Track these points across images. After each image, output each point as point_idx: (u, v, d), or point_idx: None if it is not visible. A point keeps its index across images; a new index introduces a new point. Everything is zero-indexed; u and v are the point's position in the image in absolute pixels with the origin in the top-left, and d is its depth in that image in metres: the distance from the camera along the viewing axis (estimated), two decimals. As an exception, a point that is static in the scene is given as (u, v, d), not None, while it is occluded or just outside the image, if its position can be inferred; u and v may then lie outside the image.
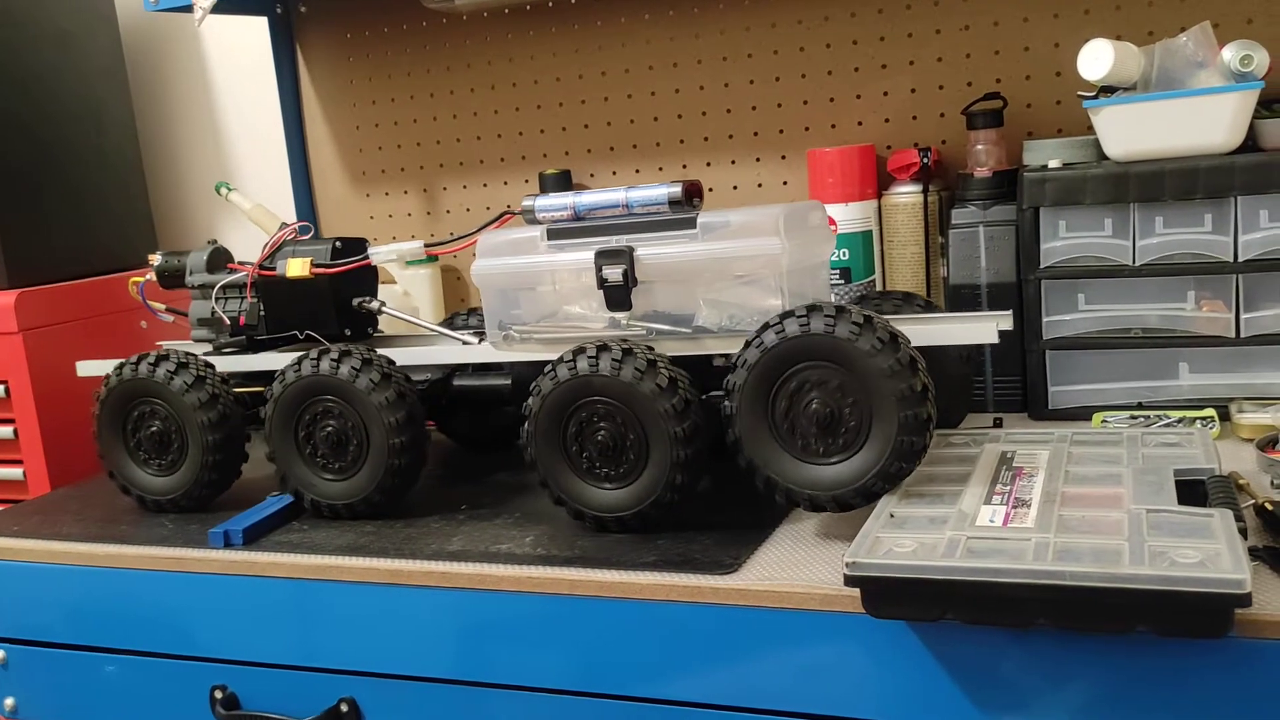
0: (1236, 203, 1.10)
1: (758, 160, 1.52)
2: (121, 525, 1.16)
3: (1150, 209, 1.13)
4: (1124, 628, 0.71)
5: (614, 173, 1.60)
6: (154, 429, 1.15)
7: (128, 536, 1.12)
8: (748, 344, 0.91)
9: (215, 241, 1.27)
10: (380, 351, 1.09)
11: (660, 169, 1.57)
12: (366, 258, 1.18)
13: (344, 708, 1.01)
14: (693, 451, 0.93)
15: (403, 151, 1.72)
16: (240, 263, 1.23)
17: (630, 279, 1.00)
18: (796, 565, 0.87)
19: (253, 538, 1.06)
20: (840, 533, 0.93)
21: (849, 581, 0.77)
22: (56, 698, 1.15)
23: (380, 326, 1.30)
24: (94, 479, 1.39)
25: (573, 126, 1.61)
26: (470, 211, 1.69)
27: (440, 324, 1.25)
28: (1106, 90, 1.15)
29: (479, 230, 1.13)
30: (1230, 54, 1.11)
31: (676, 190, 1.00)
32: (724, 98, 1.52)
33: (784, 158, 1.50)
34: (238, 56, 1.83)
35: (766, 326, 0.90)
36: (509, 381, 1.15)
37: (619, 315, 1.02)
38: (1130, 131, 1.13)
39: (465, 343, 1.13)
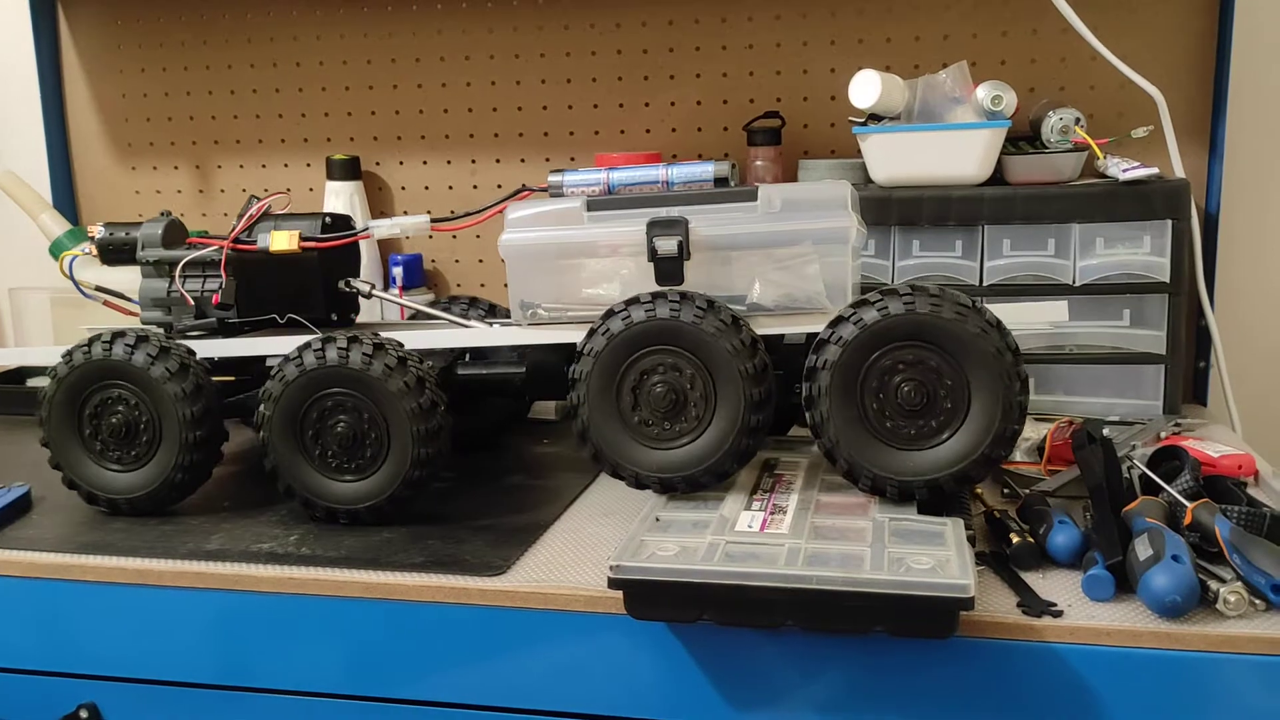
0: (984, 231, 1.19)
1: (547, 160, 1.52)
2: None
3: (909, 232, 1.21)
4: (863, 629, 0.76)
5: (401, 162, 1.57)
6: (118, 418, 1.00)
7: None
8: (840, 319, 0.86)
9: (169, 213, 1.15)
10: (391, 335, 0.99)
11: (449, 162, 1.55)
12: (364, 231, 1.09)
13: (84, 714, 0.95)
14: (764, 416, 0.89)
15: (174, 125, 1.63)
16: (200, 235, 1.11)
17: (684, 251, 0.95)
18: (565, 567, 0.89)
19: (-14, 534, 0.99)
20: (611, 534, 0.95)
21: (613, 584, 0.79)
22: None
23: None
24: None
25: (359, 112, 1.57)
26: (246, 192, 1.62)
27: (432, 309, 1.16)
28: (874, 118, 1.22)
29: (493, 206, 1.04)
30: (984, 93, 1.20)
31: (725, 167, 0.96)
32: (516, 95, 1.52)
33: (573, 159, 1.51)
34: (-11, 8, 1.69)
35: (865, 303, 0.86)
36: (523, 369, 1.06)
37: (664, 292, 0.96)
38: (893, 159, 1.21)
39: (469, 327, 1.05)
